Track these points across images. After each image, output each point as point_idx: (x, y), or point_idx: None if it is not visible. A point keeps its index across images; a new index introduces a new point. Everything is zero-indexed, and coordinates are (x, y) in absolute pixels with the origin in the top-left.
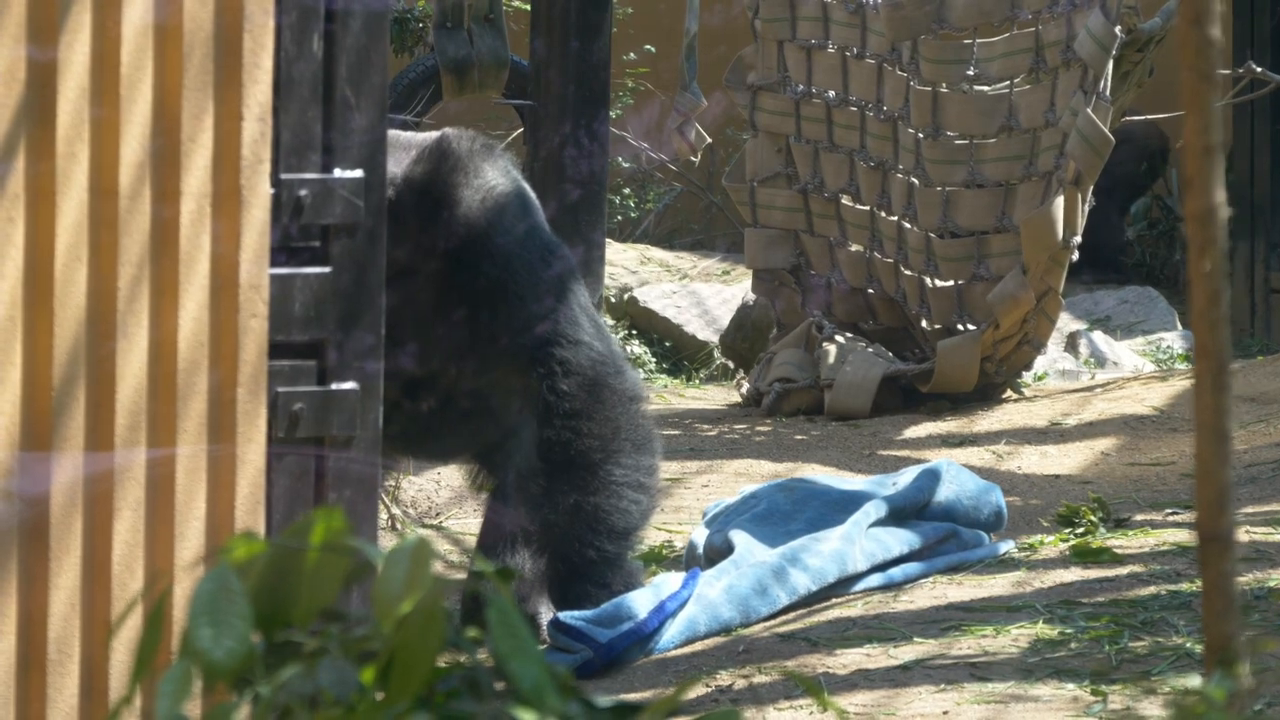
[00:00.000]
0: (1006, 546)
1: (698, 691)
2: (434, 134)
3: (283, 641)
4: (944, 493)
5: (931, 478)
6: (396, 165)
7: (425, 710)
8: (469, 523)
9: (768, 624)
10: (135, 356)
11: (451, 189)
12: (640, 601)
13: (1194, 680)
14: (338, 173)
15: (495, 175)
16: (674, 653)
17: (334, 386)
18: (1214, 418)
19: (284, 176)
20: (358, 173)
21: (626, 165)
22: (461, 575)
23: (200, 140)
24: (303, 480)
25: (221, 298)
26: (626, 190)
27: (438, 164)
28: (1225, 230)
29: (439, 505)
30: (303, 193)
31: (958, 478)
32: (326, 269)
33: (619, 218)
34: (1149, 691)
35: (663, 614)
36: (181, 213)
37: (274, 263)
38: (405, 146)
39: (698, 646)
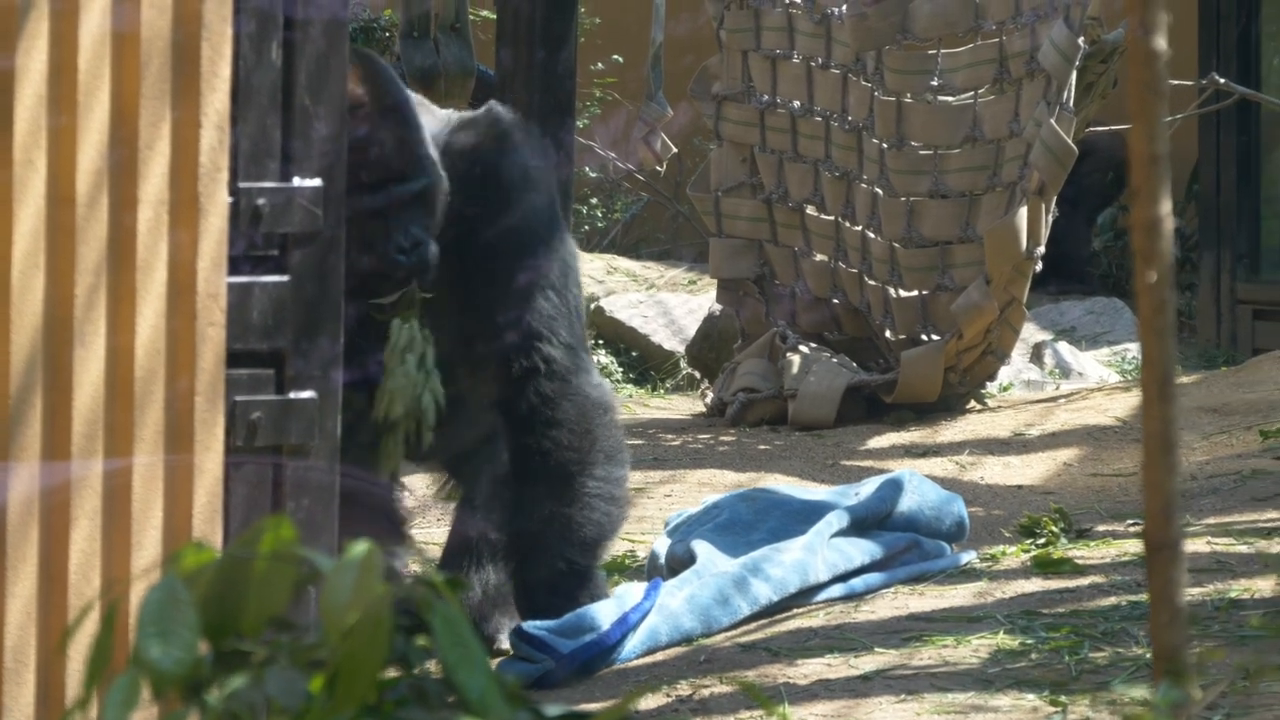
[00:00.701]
0: (968, 557)
1: (658, 701)
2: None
3: (231, 650)
4: (906, 503)
5: (894, 488)
6: (436, 125)
7: (373, 719)
8: (432, 532)
9: (729, 634)
10: (93, 365)
11: (493, 156)
12: (603, 613)
13: (1136, 690)
14: (297, 181)
15: (532, 154)
16: (635, 663)
17: (292, 395)
18: (1161, 427)
19: (242, 185)
20: (317, 181)
21: (593, 175)
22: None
23: (158, 148)
24: (260, 489)
25: (179, 306)
26: (593, 200)
27: (485, 131)
28: (1172, 240)
29: (407, 513)
30: (261, 201)
31: (920, 488)
32: (285, 278)
33: (585, 227)
34: (1108, 702)
35: (625, 625)
36: (139, 221)
37: (233, 271)
38: (434, 112)
39: (659, 656)
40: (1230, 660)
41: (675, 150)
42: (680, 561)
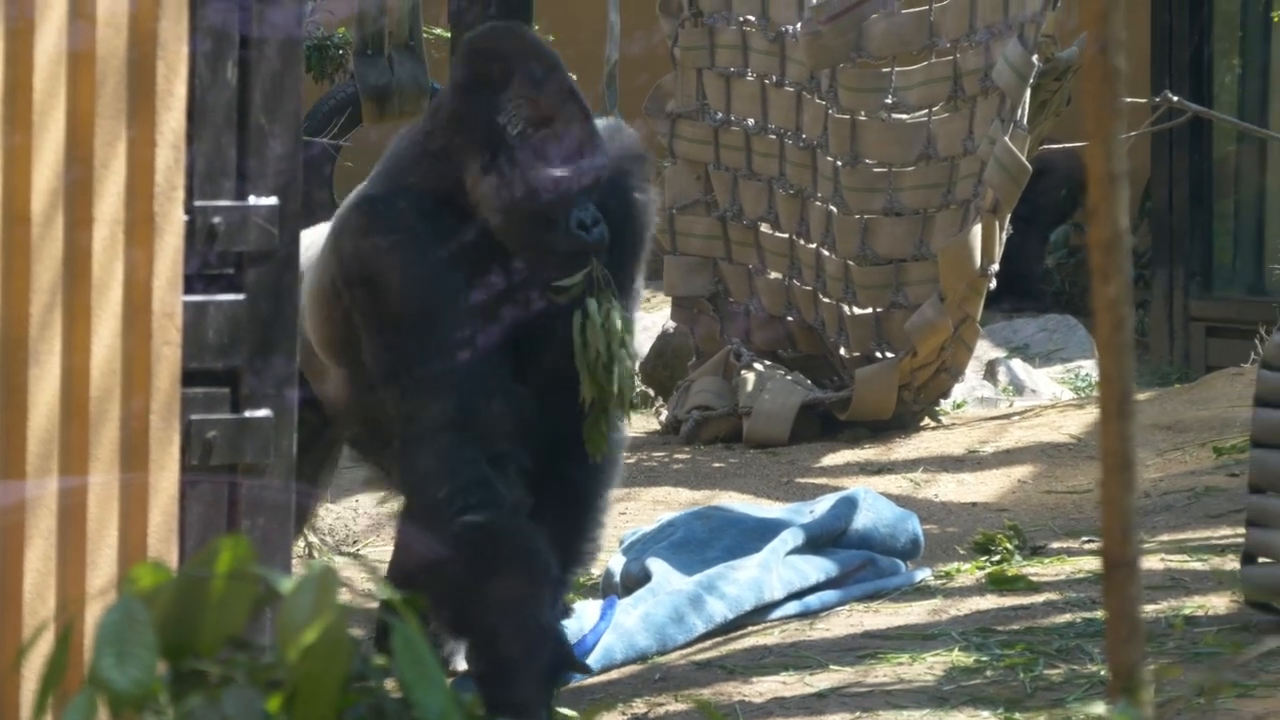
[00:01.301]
0: (923, 574)
1: (614, 719)
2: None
3: (189, 670)
4: (861, 520)
5: (848, 505)
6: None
7: None
8: (385, 550)
9: (684, 652)
10: (48, 383)
11: (625, 176)
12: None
13: (1094, 708)
14: (253, 200)
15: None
16: (590, 681)
17: (248, 414)
18: (1119, 445)
19: (198, 203)
20: (273, 200)
21: None
22: (373, 604)
23: (113, 167)
24: (216, 508)
25: (135, 325)
26: None
27: (622, 151)
28: (1130, 257)
29: (356, 533)
30: (217, 220)
31: (875, 505)
32: (241, 296)
33: None
34: (1066, 719)
35: (582, 647)
36: (95, 239)
37: (188, 290)
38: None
39: (614, 675)
40: (1186, 678)
41: None
42: (635, 580)
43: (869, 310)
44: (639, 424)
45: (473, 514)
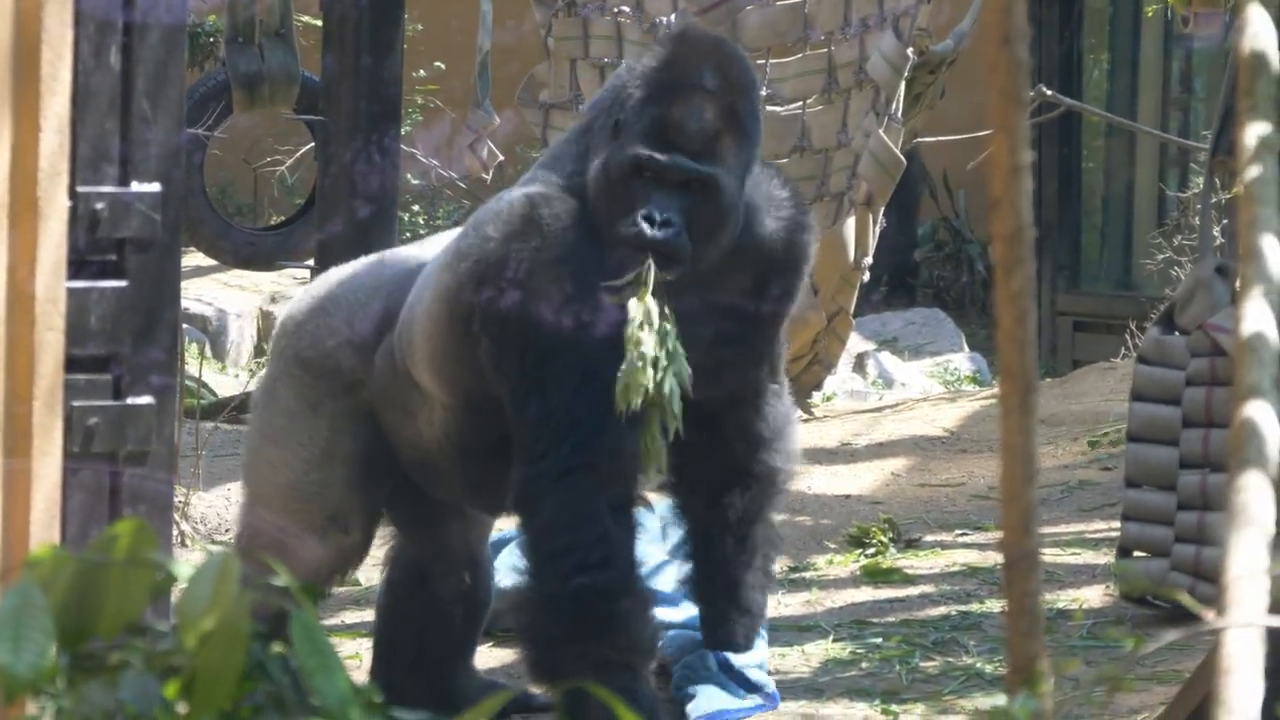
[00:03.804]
0: None
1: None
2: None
3: (86, 655)
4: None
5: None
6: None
7: None
8: None
9: None
10: None
11: (792, 230)
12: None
13: (994, 699)
14: (135, 186)
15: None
16: None
17: (130, 401)
18: (1021, 438)
19: (81, 189)
20: (155, 186)
21: (415, 182)
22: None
23: None
24: (98, 495)
25: (18, 311)
26: (416, 207)
27: (792, 211)
28: (1032, 250)
29: (228, 522)
30: (99, 206)
31: None
32: (123, 283)
33: (408, 234)
34: (942, 711)
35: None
36: None
37: (71, 276)
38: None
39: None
40: (1084, 671)
41: (501, 158)
42: None
43: None
44: None
45: (589, 575)
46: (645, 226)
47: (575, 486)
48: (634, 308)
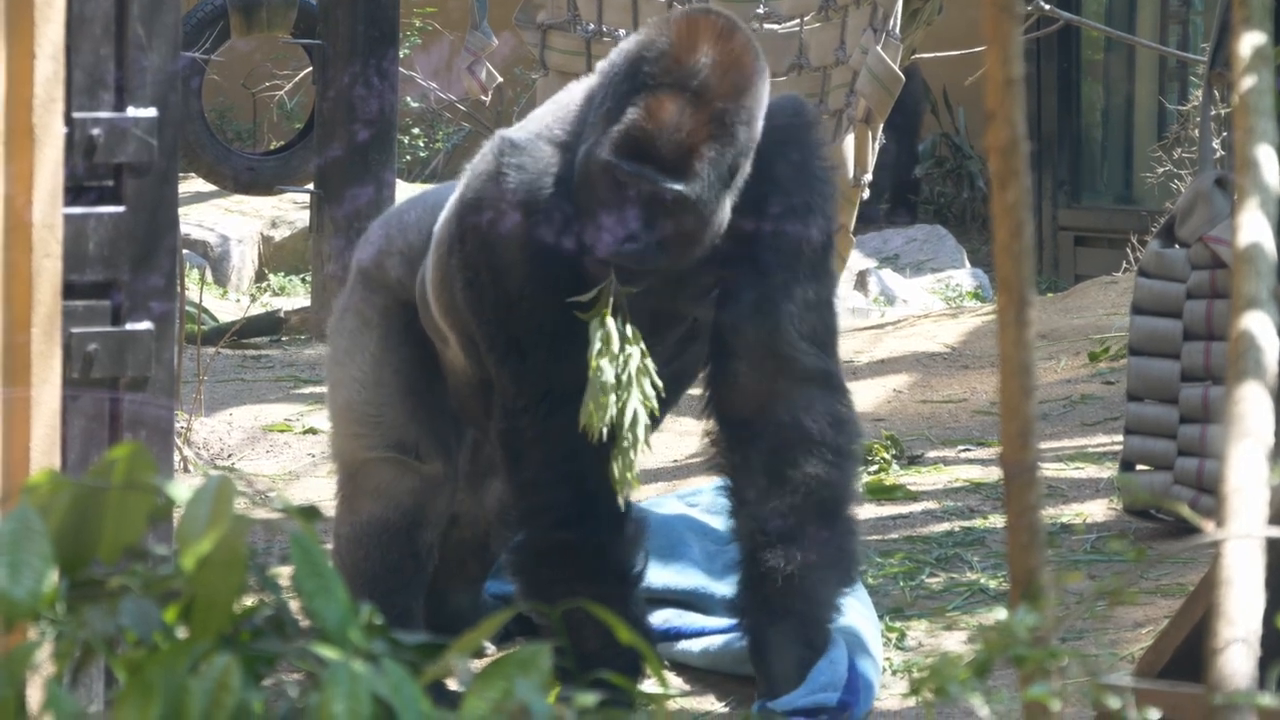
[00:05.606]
0: None
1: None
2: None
3: (86, 580)
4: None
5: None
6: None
7: (229, 649)
8: (261, 464)
9: None
10: None
11: (783, 146)
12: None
13: (997, 614)
14: (131, 111)
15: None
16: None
17: (129, 327)
18: (1017, 351)
19: (77, 115)
20: (151, 111)
21: (415, 105)
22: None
23: None
24: (98, 422)
25: (15, 238)
26: (415, 130)
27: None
28: (1027, 163)
29: (230, 447)
30: (96, 132)
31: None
32: (121, 208)
33: (408, 157)
34: (946, 627)
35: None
36: None
37: (68, 203)
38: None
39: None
40: (1087, 584)
41: (500, 80)
42: None
43: None
44: None
45: (571, 530)
46: (607, 239)
47: (555, 442)
48: (594, 330)
